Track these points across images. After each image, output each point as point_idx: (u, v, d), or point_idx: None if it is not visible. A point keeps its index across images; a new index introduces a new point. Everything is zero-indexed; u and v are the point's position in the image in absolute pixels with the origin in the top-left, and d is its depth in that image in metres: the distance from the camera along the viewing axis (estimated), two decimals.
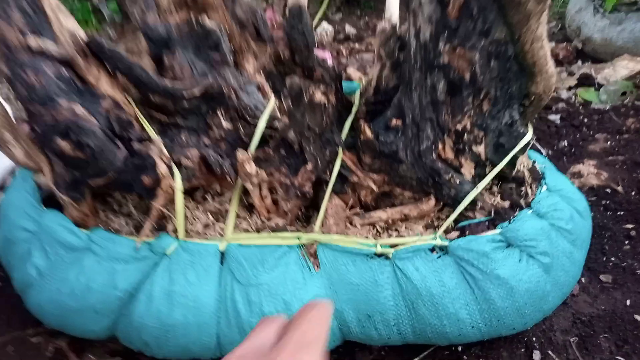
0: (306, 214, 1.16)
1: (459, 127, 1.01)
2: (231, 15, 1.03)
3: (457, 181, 1.05)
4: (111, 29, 1.32)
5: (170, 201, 1.04)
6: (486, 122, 1.04)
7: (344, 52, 2.50)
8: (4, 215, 1.18)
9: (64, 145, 0.98)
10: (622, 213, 1.52)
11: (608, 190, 1.59)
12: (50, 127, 0.98)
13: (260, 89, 1.32)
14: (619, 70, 2.11)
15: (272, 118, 1.27)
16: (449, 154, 1.04)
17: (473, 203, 1.06)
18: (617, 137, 1.82)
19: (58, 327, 1.10)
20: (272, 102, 1.29)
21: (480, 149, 1.06)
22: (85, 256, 1.04)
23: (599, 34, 2.24)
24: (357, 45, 2.58)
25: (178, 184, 1.02)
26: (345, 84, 1.27)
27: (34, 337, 1.19)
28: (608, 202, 1.55)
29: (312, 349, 0.41)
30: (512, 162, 1.11)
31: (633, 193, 1.58)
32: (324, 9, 2.99)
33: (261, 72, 1.34)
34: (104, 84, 1.07)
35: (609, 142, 1.80)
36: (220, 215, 1.12)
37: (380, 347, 1.16)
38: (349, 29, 2.72)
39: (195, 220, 1.09)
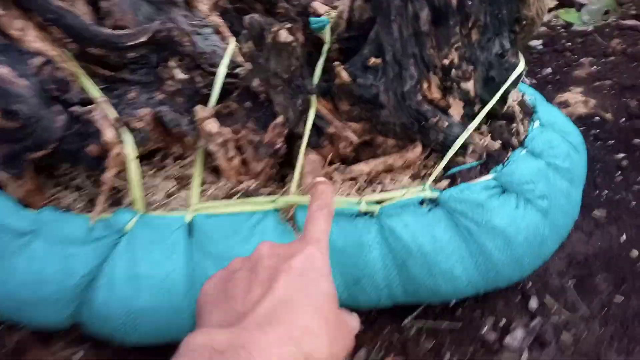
0: (280, 172, 1.04)
1: (446, 61, 0.89)
2: None
3: (446, 124, 0.94)
4: None
5: (124, 170, 0.91)
6: (475, 53, 0.93)
7: None
8: None
9: None
10: (612, 142, 1.44)
11: (597, 118, 1.51)
12: None
13: (217, 31, 1.16)
14: None
15: (233, 65, 1.12)
16: (436, 94, 0.92)
17: (463, 147, 0.96)
18: (603, 60, 1.72)
19: (14, 320, 0.99)
20: (233, 45, 1.14)
21: (469, 85, 0.95)
22: (34, 241, 0.91)
23: None
24: None
25: (129, 150, 0.88)
26: (312, 21, 1.12)
27: None
28: (597, 131, 1.47)
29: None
30: (504, 98, 1.00)
31: (622, 120, 1.50)
32: None
33: (218, 13, 1.18)
34: (32, 38, 0.91)
35: (594, 67, 1.70)
36: (184, 182, 0.99)
37: (369, 310, 1.08)
38: None
39: (155, 189, 0.97)
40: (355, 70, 0.91)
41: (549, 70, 1.71)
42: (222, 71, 1.07)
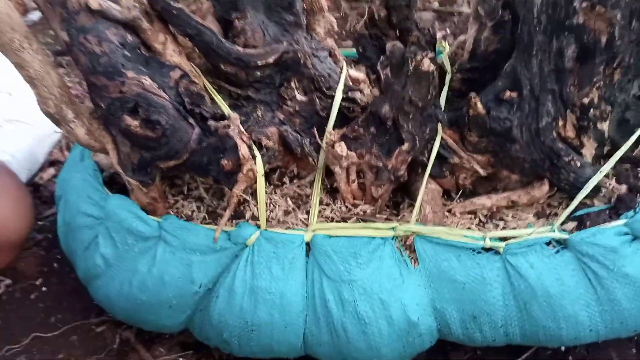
0: (393, 199, 1.03)
1: (586, 100, 0.87)
2: None
3: (578, 164, 0.90)
4: None
5: (251, 186, 0.92)
6: (614, 94, 0.89)
7: None
8: (63, 198, 1.09)
9: (131, 122, 0.87)
10: None
11: None
12: (116, 102, 0.87)
13: (331, 54, 1.18)
14: None
15: (347, 88, 1.13)
16: (570, 132, 0.90)
17: (595, 189, 0.92)
18: None
19: (127, 320, 1.02)
20: (345, 69, 1.15)
21: (605, 126, 0.91)
22: (157, 246, 0.94)
23: None
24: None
25: (259, 167, 0.90)
26: None
27: (98, 327, 1.12)
28: None
29: None
30: (637, 141, 0.96)
31: None
32: None
33: (332, 34, 1.20)
34: (171, 51, 0.95)
35: None
36: (300, 201, 1.01)
37: (474, 348, 1.05)
38: None
39: (274, 206, 0.98)
40: (488, 102, 0.90)
41: None
42: (338, 95, 1.08)
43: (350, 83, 1.20)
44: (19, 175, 1.42)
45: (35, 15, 2.55)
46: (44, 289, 1.23)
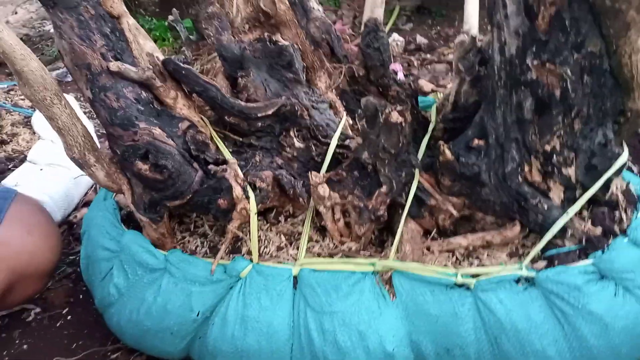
0: (379, 238, 1.12)
1: (548, 147, 0.94)
2: (305, 34, 1.01)
3: (545, 206, 0.97)
4: (187, 48, 1.34)
5: (245, 223, 1.03)
6: (577, 142, 0.96)
7: (415, 63, 2.44)
8: (87, 233, 1.22)
9: (142, 167, 1.00)
10: None
11: None
12: (129, 149, 1.00)
13: (332, 106, 1.30)
14: None
15: (344, 137, 1.24)
16: (536, 177, 0.97)
17: (562, 230, 0.98)
18: None
19: (136, 347, 1.13)
20: (344, 119, 1.26)
21: (571, 171, 0.98)
22: (162, 277, 1.05)
23: None
24: (428, 56, 2.51)
25: (252, 206, 1.01)
26: (419, 100, 1.22)
27: (113, 354, 1.22)
28: None
29: None
30: (606, 185, 1.02)
31: None
32: (394, 18, 2.94)
33: (333, 90, 1.31)
34: (181, 105, 1.08)
35: None
36: (293, 238, 1.10)
37: None
38: (420, 39, 2.65)
39: (268, 242, 1.08)
40: (459, 149, 0.99)
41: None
42: (333, 142, 1.19)
43: (350, 132, 1.32)
44: (55, 214, 1.58)
45: None
46: (69, 317, 1.35)
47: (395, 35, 2.54)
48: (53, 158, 1.73)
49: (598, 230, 1.03)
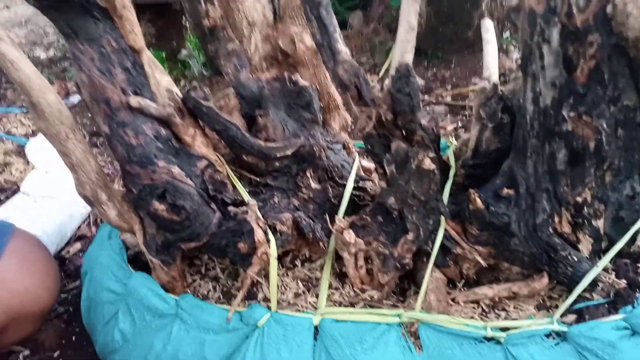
0: (400, 286, 1.08)
1: (579, 199, 0.92)
2: (332, 76, 0.99)
3: (575, 258, 0.95)
4: (200, 84, 1.32)
5: (265, 268, 0.98)
6: (607, 194, 0.95)
7: None
8: (89, 274, 1.16)
9: (159, 207, 0.95)
10: None
11: None
12: (147, 188, 0.95)
13: (345, 146, 1.28)
14: None
15: (358, 178, 1.22)
16: (566, 229, 0.95)
17: (591, 283, 0.96)
18: None
19: None
20: (357, 160, 1.24)
21: (600, 223, 0.96)
22: (173, 323, 0.99)
23: None
24: (426, 97, 2.53)
25: (273, 251, 0.97)
26: None
27: None
28: None
29: None
30: (633, 238, 1.01)
31: None
32: (390, 60, 2.96)
33: (353, 132, 1.30)
34: (199, 143, 1.04)
35: None
36: (310, 284, 1.06)
37: None
38: (417, 81, 2.67)
39: (285, 288, 1.04)
40: (488, 198, 0.97)
41: None
42: (349, 184, 1.16)
43: (362, 173, 1.29)
44: (49, 249, 1.51)
45: (76, 99, 2.76)
46: None
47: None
48: (47, 190, 1.66)
49: (622, 283, 1.01)
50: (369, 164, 1.36)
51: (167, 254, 1.02)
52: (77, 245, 1.72)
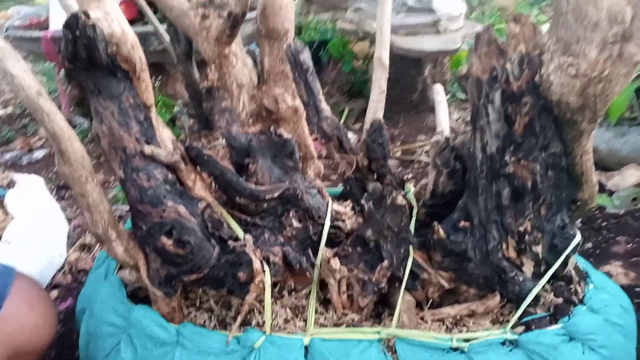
0: (375, 310, 1.23)
1: (521, 229, 1.13)
2: (317, 129, 1.18)
3: (521, 279, 1.14)
4: (191, 137, 1.46)
5: (258, 295, 1.12)
6: (543, 224, 1.16)
7: None
8: (88, 310, 1.24)
9: (167, 242, 1.08)
10: None
11: (638, 289, 1.69)
12: (156, 226, 1.08)
13: (319, 191, 1.45)
14: (627, 178, 2.29)
15: (333, 218, 1.38)
16: (512, 254, 1.15)
17: (534, 299, 1.15)
18: (637, 239, 1.95)
19: None
20: (331, 203, 1.41)
21: (539, 249, 1.17)
22: (174, 350, 1.09)
23: (604, 145, 2.46)
24: None
25: (267, 279, 1.10)
26: None
27: None
28: (639, 301, 1.64)
29: None
30: (565, 262, 1.22)
31: None
32: (344, 119, 3.22)
33: (319, 177, 1.47)
34: (199, 187, 1.19)
35: (630, 244, 1.93)
36: (298, 311, 1.19)
37: None
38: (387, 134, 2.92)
39: (275, 315, 1.16)
40: (447, 229, 1.16)
41: (589, 245, 1.94)
42: (327, 223, 1.32)
43: (334, 215, 1.46)
44: None
45: (40, 154, 2.82)
46: None
47: (349, 134, 2.79)
48: (27, 238, 1.72)
49: (560, 300, 1.21)
50: (339, 208, 1.54)
51: (170, 286, 1.13)
52: (54, 293, 1.77)
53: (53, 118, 0.97)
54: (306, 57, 1.18)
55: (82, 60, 1.00)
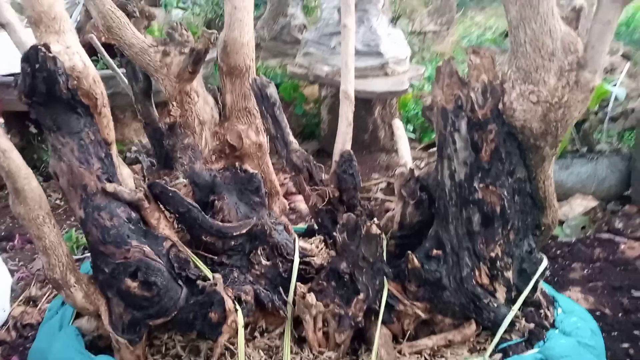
0: (351, 346, 1.19)
1: (492, 254, 1.14)
2: (286, 162, 1.16)
3: (495, 305, 1.15)
4: (149, 177, 1.42)
5: (232, 337, 1.06)
6: (512, 249, 1.18)
7: None
8: None
9: (132, 284, 1.02)
10: (615, 333, 1.65)
11: (598, 312, 1.73)
12: (120, 267, 1.02)
13: (286, 228, 1.42)
14: (575, 208, 2.39)
15: (302, 254, 1.35)
16: (485, 280, 1.15)
17: (510, 325, 1.15)
18: (591, 265, 2.02)
19: None
20: (297, 239, 1.38)
21: (510, 274, 1.18)
22: None
23: None
24: None
25: (240, 319, 1.05)
26: None
27: None
28: (601, 324, 1.68)
29: None
30: (535, 287, 1.23)
31: (620, 315, 1.73)
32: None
33: (285, 213, 1.45)
34: (163, 226, 1.14)
35: (585, 270, 1.99)
36: (271, 352, 1.14)
37: None
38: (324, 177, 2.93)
39: (248, 358, 1.11)
40: (420, 258, 1.15)
41: (547, 273, 1.99)
42: (297, 259, 1.29)
43: (301, 251, 1.43)
44: None
45: None
46: None
47: None
48: None
49: (531, 325, 1.22)
50: (305, 244, 1.51)
51: (134, 332, 1.06)
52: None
53: (9, 155, 0.91)
54: (272, 91, 1.18)
55: (41, 94, 0.95)
